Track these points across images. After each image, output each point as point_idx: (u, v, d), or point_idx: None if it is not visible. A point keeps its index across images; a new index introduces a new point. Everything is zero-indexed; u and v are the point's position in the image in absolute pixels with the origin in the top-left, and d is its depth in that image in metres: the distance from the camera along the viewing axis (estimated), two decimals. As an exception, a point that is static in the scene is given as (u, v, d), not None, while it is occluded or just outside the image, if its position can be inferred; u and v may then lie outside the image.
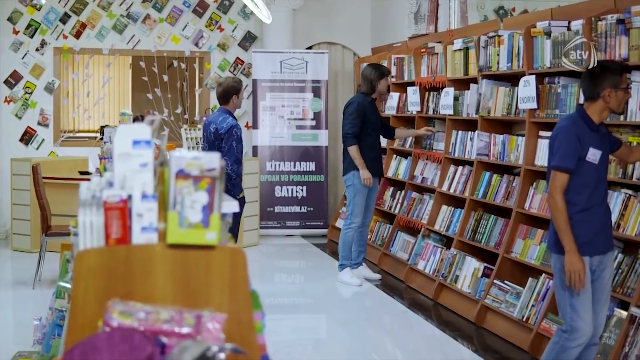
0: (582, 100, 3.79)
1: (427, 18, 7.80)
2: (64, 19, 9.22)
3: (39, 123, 9.24)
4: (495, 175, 5.90)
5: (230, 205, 2.13)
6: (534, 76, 5.21)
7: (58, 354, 2.45)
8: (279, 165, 9.23)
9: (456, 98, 6.47)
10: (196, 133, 8.69)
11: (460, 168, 6.49)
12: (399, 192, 7.65)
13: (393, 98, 7.90)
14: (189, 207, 1.91)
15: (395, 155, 7.94)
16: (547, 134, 4.98)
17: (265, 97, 9.23)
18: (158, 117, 2.66)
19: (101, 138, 7.79)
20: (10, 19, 9.09)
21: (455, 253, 6.13)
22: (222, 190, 1.97)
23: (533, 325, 4.97)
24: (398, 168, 7.79)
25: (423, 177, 7.17)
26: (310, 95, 9.29)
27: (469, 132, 6.29)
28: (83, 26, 9.27)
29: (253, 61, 9.30)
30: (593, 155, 3.65)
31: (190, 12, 9.52)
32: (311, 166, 9.27)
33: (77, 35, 9.27)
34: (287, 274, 7.98)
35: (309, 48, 9.82)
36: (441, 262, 6.33)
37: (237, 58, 9.68)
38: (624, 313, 4.28)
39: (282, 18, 9.25)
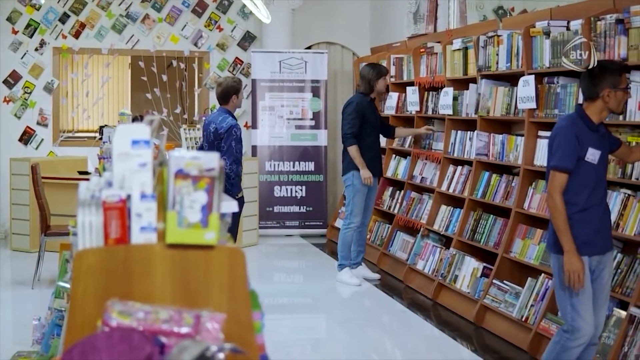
0: (582, 100, 3.79)
1: (427, 18, 7.80)
2: (63, 19, 9.21)
3: (38, 123, 9.23)
4: (494, 175, 5.89)
5: (229, 205, 2.14)
6: (533, 76, 5.20)
7: (57, 354, 2.45)
8: (278, 165, 9.23)
9: (455, 98, 6.47)
10: (195, 133, 8.69)
11: (459, 168, 6.49)
12: (398, 192, 7.65)
13: (392, 98, 7.90)
14: (188, 207, 1.91)
15: (394, 155, 7.94)
16: (547, 134, 4.98)
17: (264, 97, 9.23)
18: (157, 117, 2.66)
19: (100, 138, 7.80)
20: (9, 19, 9.09)
21: (454, 253, 6.13)
22: (221, 190, 1.97)
23: (532, 325, 4.97)
24: (397, 168, 7.79)
25: (422, 177, 7.17)
26: (309, 95, 9.28)
27: (468, 132, 6.29)
28: (82, 26, 9.27)
29: (252, 61, 9.30)
30: (592, 155, 3.65)
31: (189, 12, 9.52)
32: (310, 166, 9.27)
33: (77, 35, 9.26)
34: (287, 274, 7.98)
35: (308, 48, 9.82)
36: (440, 262, 6.33)
37: (236, 58, 9.68)
38: (623, 313, 4.28)
39: (281, 18, 9.25)
